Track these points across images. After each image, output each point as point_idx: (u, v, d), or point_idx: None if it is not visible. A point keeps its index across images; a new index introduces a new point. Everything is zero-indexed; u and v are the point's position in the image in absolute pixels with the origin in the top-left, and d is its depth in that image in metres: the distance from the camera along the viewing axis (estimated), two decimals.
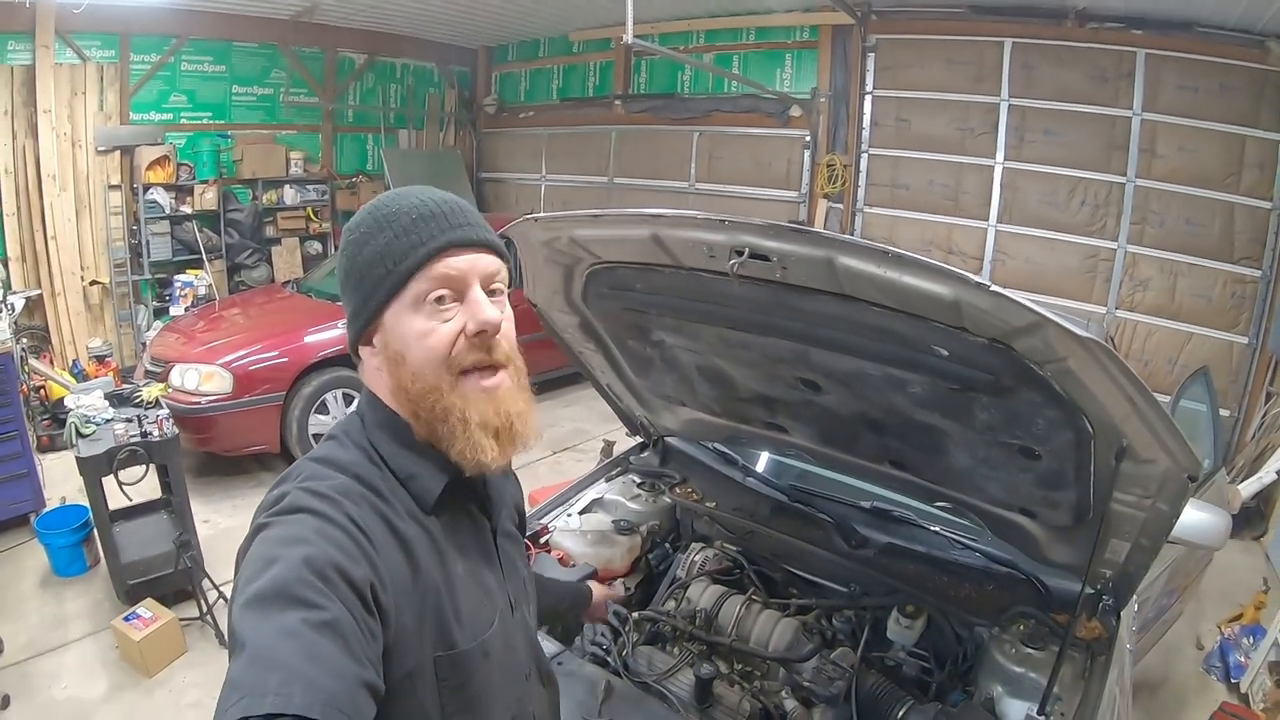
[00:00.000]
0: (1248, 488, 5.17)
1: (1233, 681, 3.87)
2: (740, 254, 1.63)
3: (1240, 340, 6.24)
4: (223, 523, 5.05)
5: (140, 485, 4.01)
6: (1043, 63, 6.71)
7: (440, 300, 1.07)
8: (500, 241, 1.15)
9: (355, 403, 1.21)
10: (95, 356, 7.19)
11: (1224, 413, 5.73)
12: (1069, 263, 6.83)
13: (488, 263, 1.11)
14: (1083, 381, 1.49)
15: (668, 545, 2.70)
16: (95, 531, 4.18)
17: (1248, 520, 5.34)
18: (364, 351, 1.14)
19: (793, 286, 1.70)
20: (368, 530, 0.98)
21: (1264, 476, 5.19)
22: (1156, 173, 6.37)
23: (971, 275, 1.40)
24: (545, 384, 6.74)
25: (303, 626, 0.82)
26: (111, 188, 7.74)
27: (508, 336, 1.13)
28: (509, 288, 1.17)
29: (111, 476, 3.88)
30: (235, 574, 0.94)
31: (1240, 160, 6.06)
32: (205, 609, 3.92)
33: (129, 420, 4.05)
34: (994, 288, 1.37)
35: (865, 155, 7.77)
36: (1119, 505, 1.76)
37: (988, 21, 6.86)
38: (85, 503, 4.10)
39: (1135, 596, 2.16)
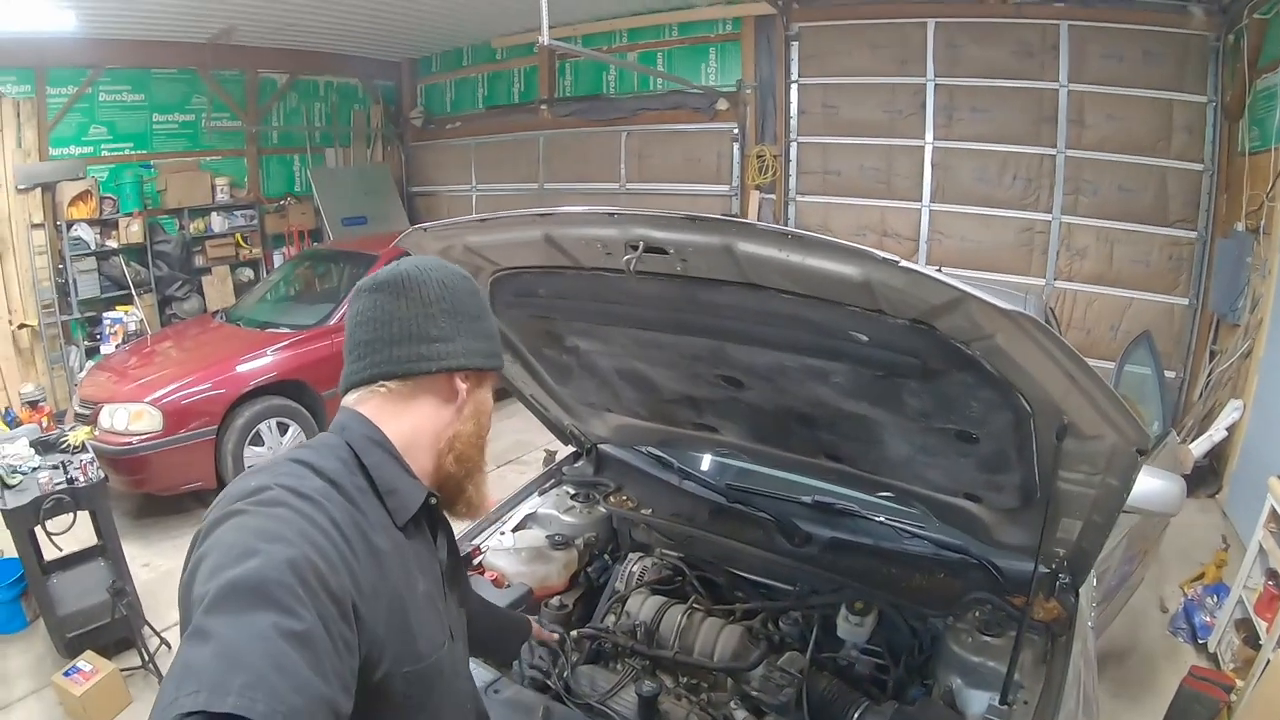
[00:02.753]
0: (1199, 447, 5.21)
1: (1200, 642, 3.85)
2: (635, 248, 1.55)
3: (1180, 302, 6.31)
4: (164, 565, 4.86)
5: (76, 532, 3.87)
6: (967, 41, 6.73)
7: None
8: None
9: (334, 422, 1.17)
10: (28, 402, 6.93)
11: (1170, 374, 5.78)
12: (1005, 238, 6.86)
13: None
14: (1013, 358, 1.43)
15: (606, 557, 2.60)
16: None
17: (1202, 479, 5.38)
18: (431, 381, 1.17)
19: (697, 280, 1.62)
20: (349, 537, 0.97)
21: (1214, 434, 5.24)
22: (1086, 142, 6.42)
23: (877, 251, 1.31)
24: None
25: (274, 633, 0.79)
26: (34, 226, 7.47)
27: None
28: None
29: (40, 527, 3.73)
30: (191, 558, 0.92)
31: (1169, 125, 6.13)
32: (147, 657, 3.76)
33: (55, 467, 3.89)
34: (904, 263, 1.29)
35: (794, 144, 7.76)
36: (1066, 484, 1.71)
37: (910, 3, 6.88)
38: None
39: (1093, 571, 2.11)
